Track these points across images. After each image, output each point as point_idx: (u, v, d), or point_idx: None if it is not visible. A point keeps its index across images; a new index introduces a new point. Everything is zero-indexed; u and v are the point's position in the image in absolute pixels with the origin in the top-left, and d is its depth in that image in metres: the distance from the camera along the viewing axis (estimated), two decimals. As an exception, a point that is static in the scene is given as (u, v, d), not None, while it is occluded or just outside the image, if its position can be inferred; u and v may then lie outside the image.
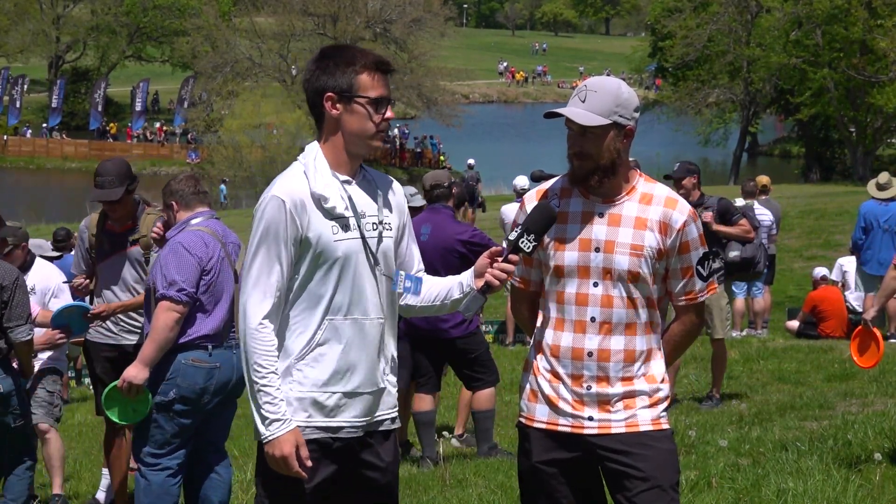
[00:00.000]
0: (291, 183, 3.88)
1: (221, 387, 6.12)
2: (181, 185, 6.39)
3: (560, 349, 4.01)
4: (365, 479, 3.99)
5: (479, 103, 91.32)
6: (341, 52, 3.94)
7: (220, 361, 6.09)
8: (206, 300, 6.09)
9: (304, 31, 62.16)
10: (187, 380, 6.05)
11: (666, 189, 4.08)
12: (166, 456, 6.14)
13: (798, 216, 27.53)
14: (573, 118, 3.92)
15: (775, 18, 51.22)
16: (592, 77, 4.16)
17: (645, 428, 3.99)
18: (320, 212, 3.86)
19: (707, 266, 4.08)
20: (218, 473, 6.31)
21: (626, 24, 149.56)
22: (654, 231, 3.98)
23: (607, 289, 3.97)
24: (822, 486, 6.56)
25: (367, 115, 3.89)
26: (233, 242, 6.28)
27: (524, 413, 4.11)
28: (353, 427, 3.93)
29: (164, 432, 6.12)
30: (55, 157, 67.07)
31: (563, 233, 4.01)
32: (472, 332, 8.45)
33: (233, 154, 53.34)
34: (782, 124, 70.34)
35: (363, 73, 3.88)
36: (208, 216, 6.31)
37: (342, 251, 3.87)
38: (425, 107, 62.87)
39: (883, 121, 51.33)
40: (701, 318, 4.18)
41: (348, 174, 3.94)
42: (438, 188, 8.64)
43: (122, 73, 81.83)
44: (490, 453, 8.47)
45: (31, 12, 75.46)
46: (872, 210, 14.25)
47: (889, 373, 10.89)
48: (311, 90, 3.92)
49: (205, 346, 6.07)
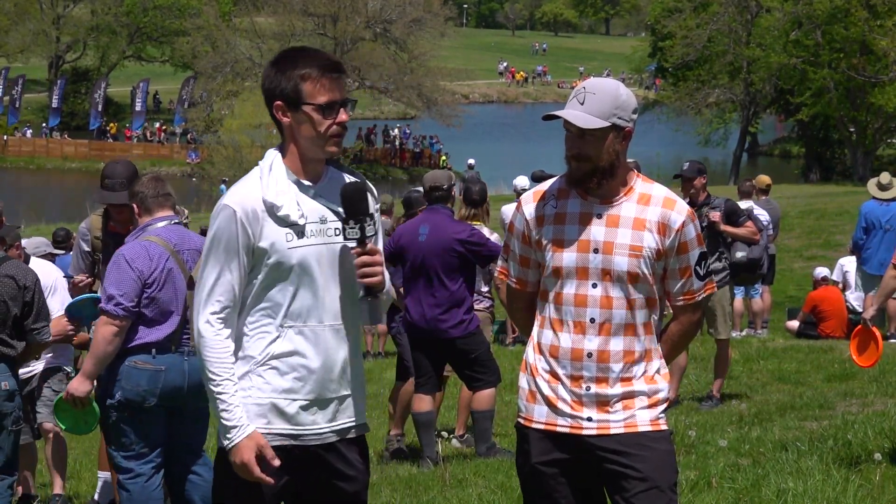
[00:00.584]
0: (244, 191, 3.86)
1: (169, 391, 6.06)
2: (142, 187, 6.32)
3: (559, 350, 4.01)
4: (332, 486, 3.96)
5: (479, 103, 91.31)
6: (289, 58, 3.88)
7: (165, 365, 6.04)
8: (151, 312, 6.06)
9: (304, 31, 62.12)
10: (130, 382, 6.05)
11: (664, 189, 4.07)
12: (136, 461, 6.13)
13: (798, 216, 27.52)
14: (572, 121, 3.91)
15: (775, 18, 51.24)
16: (591, 78, 4.15)
17: (644, 428, 3.99)
18: (272, 219, 3.82)
19: (704, 265, 4.08)
20: (197, 474, 6.26)
21: (626, 24, 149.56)
22: (653, 232, 3.98)
23: (606, 290, 3.97)
24: (822, 486, 6.56)
25: (317, 122, 3.83)
26: (190, 249, 6.16)
27: (522, 413, 4.10)
28: (315, 434, 3.90)
29: (126, 436, 6.13)
30: (55, 157, 67.06)
31: (561, 234, 4.01)
32: (471, 332, 8.44)
33: (233, 154, 53.28)
34: (782, 124, 70.35)
35: (308, 80, 3.82)
36: (168, 221, 6.23)
37: (297, 258, 3.82)
38: (425, 107, 62.84)
39: (883, 121, 51.36)
40: (699, 317, 4.18)
41: (309, 178, 3.89)
42: (438, 190, 8.64)
43: (122, 73, 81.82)
44: (489, 453, 8.47)
45: (31, 12, 75.43)
46: (873, 210, 14.24)
47: (889, 373, 10.89)
48: (265, 97, 3.90)
49: (149, 350, 6.06)
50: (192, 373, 6.05)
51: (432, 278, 8.33)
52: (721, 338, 10.19)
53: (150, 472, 6.13)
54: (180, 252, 6.14)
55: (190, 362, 6.06)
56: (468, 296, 8.47)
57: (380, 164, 64.06)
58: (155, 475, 6.15)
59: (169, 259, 6.10)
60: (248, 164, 52.07)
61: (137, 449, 6.12)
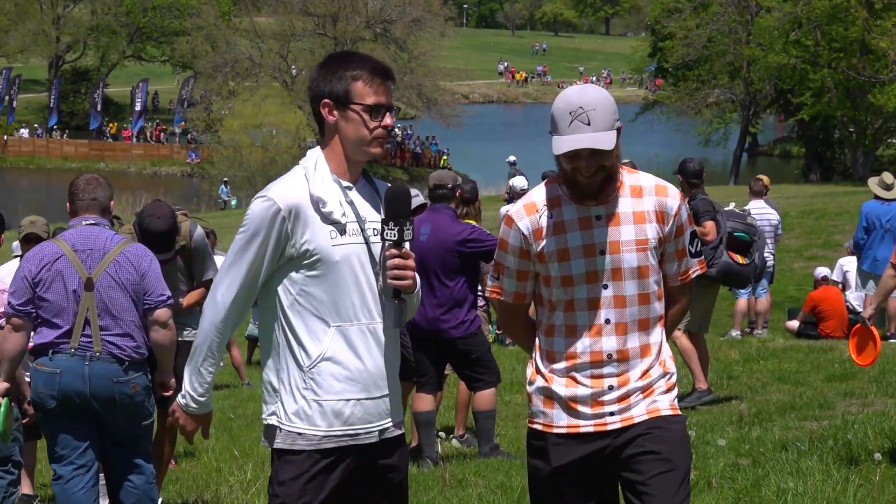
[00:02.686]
0: (289, 186, 3.89)
1: (69, 394, 6.00)
2: (75, 187, 6.28)
3: (577, 355, 3.98)
4: (383, 483, 4.01)
5: (479, 103, 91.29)
6: (341, 59, 3.96)
7: (60, 368, 6.00)
8: (44, 312, 6.05)
9: (304, 31, 62.13)
10: (34, 383, 6.08)
11: (651, 177, 4.06)
12: (57, 463, 6.12)
13: (798, 216, 27.51)
14: (597, 147, 3.83)
15: (775, 18, 51.18)
16: (574, 91, 3.97)
17: (665, 412, 4.01)
18: (318, 215, 3.86)
19: (696, 244, 4.11)
20: (129, 480, 6.21)
21: (626, 24, 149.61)
22: (653, 221, 3.98)
23: (618, 289, 3.95)
24: (822, 486, 6.56)
25: (363, 123, 3.88)
26: (91, 249, 6.07)
27: (540, 420, 4.06)
28: (369, 432, 3.94)
29: (48, 439, 6.15)
30: (55, 157, 67.04)
31: (564, 243, 3.97)
32: (472, 332, 8.45)
33: (233, 154, 53.32)
34: (782, 124, 70.32)
35: (359, 80, 3.88)
36: (80, 222, 6.17)
37: (340, 256, 3.86)
38: (425, 107, 62.83)
39: (883, 121, 51.30)
40: (692, 293, 4.21)
41: (350, 180, 3.95)
42: (441, 188, 8.64)
43: (122, 73, 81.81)
44: (491, 454, 8.47)
45: (31, 12, 75.38)
46: (875, 210, 14.23)
47: (889, 373, 10.89)
48: (312, 96, 3.95)
49: (46, 352, 6.04)
50: (95, 378, 5.99)
51: (433, 278, 8.34)
52: (692, 331, 10.08)
53: (70, 475, 6.07)
54: (78, 252, 6.06)
55: (91, 367, 6.00)
56: (470, 295, 8.47)
57: (380, 164, 64.04)
58: (76, 478, 6.07)
59: (60, 259, 6.03)
60: (248, 164, 52.19)
61: (58, 451, 6.09)
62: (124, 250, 6.12)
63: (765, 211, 14.76)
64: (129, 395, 6.06)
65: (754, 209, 14.63)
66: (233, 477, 8.24)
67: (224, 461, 9.09)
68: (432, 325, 8.36)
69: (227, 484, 8.12)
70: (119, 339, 6.05)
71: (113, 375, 6.02)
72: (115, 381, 6.03)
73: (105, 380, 6.01)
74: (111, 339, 6.04)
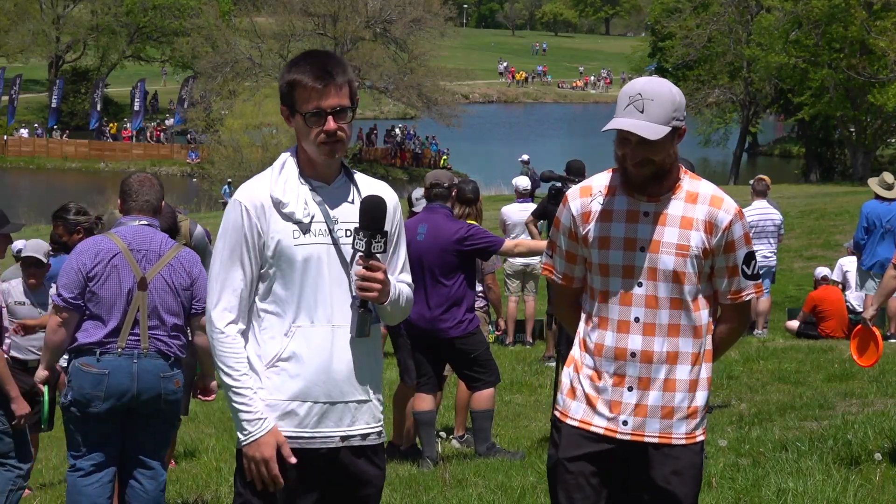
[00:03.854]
0: (254, 187, 3.90)
1: (116, 395, 6.00)
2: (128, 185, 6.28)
3: (603, 348, 3.99)
4: (351, 492, 3.94)
5: (479, 103, 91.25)
6: (291, 63, 3.92)
7: (109, 368, 6.00)
8: (94, 308, 6.03)
9: (304, 31, 62.11)
10: (77, 383, 6.04)
11: (711, 187, 4.02)
12: (80, 458, 6.12)
13: (798, 216, 27.50)
14: (639, 133, 3.82)
15: (775, 18, 51.20)
16: (641, 80, 3.98)
17: (678, 442, 3.98)
18: (279, 214, 3.84)
19: (753, 266, 4.03)
20: (140, 484, 6.21)
21: (626, 24, 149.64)
22: (700, 230, 3.94)
23: (652, 289, 3.94)
24: (822, 486, 6.56)
25: (307, 129, 3.85)
26: (146, 250, 6.10)
27: (560, 406, 4.09)
28: (327, 437, 3.87)
29: (73, 434, 6.14)
30: (55, 157, 67.02)
31: (607, 231, 3.97)
32: (470, 332, 8.44)
33: (233, 154, 53.29)
34: (782, 124, 70.34)
35: (299, 87, 3.84)
36: (137, 222, 6.18)
37: (303, 255, 3.83)
38: (425, 107, 62.81)
39: (883, 121, 51.33)
40: (746, 317, 4.16)
41: (320, 179, 3.91)
42: (438, 187, 8.65)
43: (123, 74, 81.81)
44: (489, 453, 8.47)
45: (31, 12, 75.35)
46: (875, 210, 14.21)
47: (889, 373, 10.89)
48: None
49: (94, 352, 6.02)
50: (143, 375, 6.00)
51: (431, 277, 8.33)
52: None
53: (89, 469, 6.08)
54: (134, 251, 6.06)
55: (140, 364, 6.01)
56: (468, 295, 8.45)
57: (380, 164, 64.02)
58: (94, 473, 6.09)
59: (117, 256, 6.03)
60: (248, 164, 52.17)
61: (81, 444, 6.10)
62: (178, 255, 6.17)
63: (768, 211, 14.75)
64: (173, 391, 6.11)
65: (758, 209, 14.62)
66: (233, 477, 8.22)
67: (224, 461, 9.09)
68: (430, 324, 8.35)
69: (227, 484, 8.11)
70: (166, 337, 6.10)
71: (160, 371, 6.06)
72: (162, 377, 6.07)
73: (152, 375, 6.04)
74: (158, 336, 6.08)
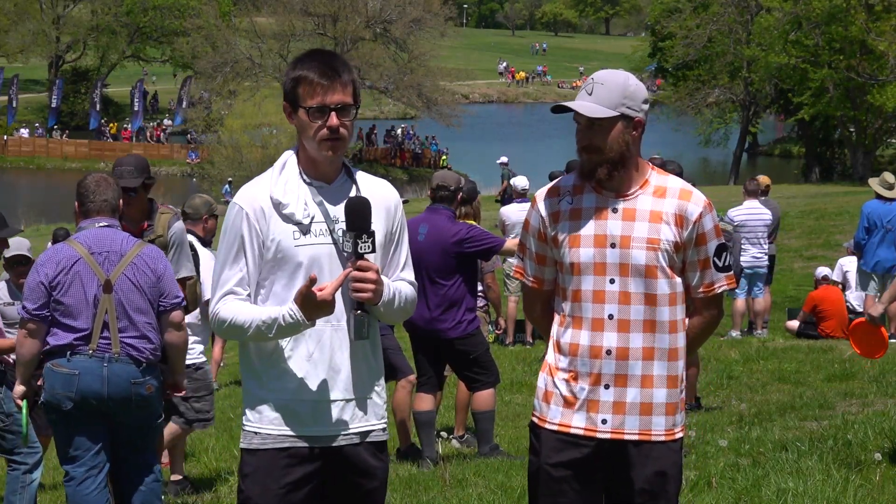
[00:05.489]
0: (254, 188, 3.91)
1: (88, 395, 5.98)
2: (84, 188, 6.21)
3: (578, 347, 3.98)
4: (352, 491, 3.94)
5: (479, 103, 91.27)
6: (296, 61, 3.93)
7: (79, 369, 5.97)
8: (61, 316, 6.01)
9: (304, 31, 62.13)
10: (49, 383, 6.04)
11: (679, 181, 4.04)
12: (70, 464, 6.11)
13: (798, 216, 27.51)
14: (580, 111, 3.89)
15: (775, 18, 51.18)
16: (600, 70, 4.08)
17: (657, 439, 3.99)
18: (279, 216, 3.85)
19: (724, 258, 4.03)
20: (138, 480, 6.21)
21: (626, 24, 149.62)
22: (671, 224, 3.95)
23: (624, 285, 3.93)
24: (822, 486, 6.56)
25: (310, 125, 3.85)
26: (108, 251, 6.05)
27: (537, 413, 4.07)
28: (329, 436, 3.88)
29: (60, 443, 6.13)
30: (55, 157, 67.05)
31: (577, 229, 3.98)
32: (470, 332, 8.44)
33: (233, 154, 53.30)
34: (782, 124, 70.32)
35: (303, 83, 3.85)
36: (93, 224, 6.12)
37: (303, 256, 3.84)
38: (425, 107, 62.81)
39: (883, 121, 51.32)
40: (719, 310, 4.14)
41: (321, 179, 3.91)
42: (444, 190, 8.63)
43: (123, 74, 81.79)
44: (491, 453, 8.47)
45: (31, 12, 75.33)
46: (876, 210, 14.20)
47: (889, 373, 10.89)
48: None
49: (64, 354, 6.01)
50: (113, 379, 5.97)
51: (431, 278, 8.33)
52: None
53: (84, 476, 6.06)
54: (95, 255, 6.03)
55: (110, 368, 5.97)
56: (467, 295, 8.45)
57: (380, 164, 64.02)
58: (89, 479, 6.06)
59: (78, 262, 6.00)
60: (248, 164, 52.18)
61: (71, 452, 6.08)
62: (140, 252, 6.12)
63: (758, 210, 14.75)
64: (143, 397, 6.07)
65: (748, 209, 14.66)
66: (233, 477, 8.24)
67: (224, 461, 9.09)
68: (430, 325, 8.35)
69: (227, 484, 8.11)
70: (137, 340, 6.05)
71: (131, 377, 6.02)
72: (133, 383, 6.03)
73: (123, 381, 6.00)
74: (129, 340, 6.03)
